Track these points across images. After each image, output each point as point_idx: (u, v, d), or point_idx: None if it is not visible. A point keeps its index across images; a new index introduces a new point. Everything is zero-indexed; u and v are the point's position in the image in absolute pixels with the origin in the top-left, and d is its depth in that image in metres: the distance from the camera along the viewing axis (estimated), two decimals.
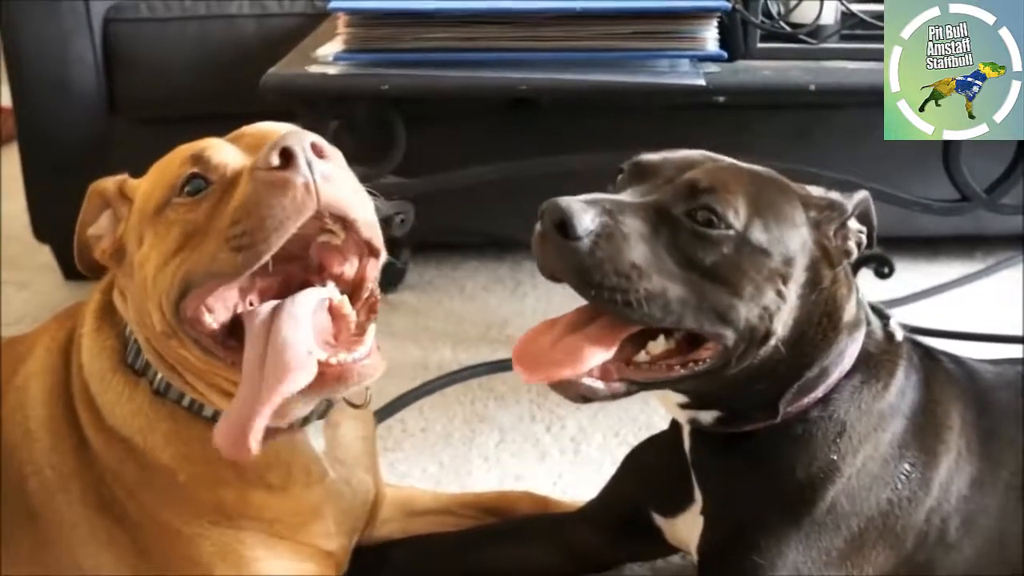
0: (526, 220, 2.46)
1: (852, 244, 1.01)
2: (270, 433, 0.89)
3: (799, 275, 0.96)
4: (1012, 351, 1.64)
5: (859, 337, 1.04)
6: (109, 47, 1.99)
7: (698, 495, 1.09)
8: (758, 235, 0.94)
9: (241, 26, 1.97)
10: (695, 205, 0.93)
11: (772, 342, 0.96)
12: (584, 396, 0.95)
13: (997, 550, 1.06)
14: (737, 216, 0.93)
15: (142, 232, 0.97)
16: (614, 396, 0.96)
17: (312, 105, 1.42)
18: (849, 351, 1.03)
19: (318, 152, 0.88)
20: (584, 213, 0.89)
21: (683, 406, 1.04)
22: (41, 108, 2.01)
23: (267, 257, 0.87)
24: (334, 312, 0.94)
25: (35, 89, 2.00)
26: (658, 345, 0.97)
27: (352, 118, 1.43)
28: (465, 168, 1.52)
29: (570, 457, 1.56)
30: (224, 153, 0.95)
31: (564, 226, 0.89)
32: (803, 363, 1.00)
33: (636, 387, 0.97)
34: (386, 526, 1.29)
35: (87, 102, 2.00)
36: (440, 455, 1.56)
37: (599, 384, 0.95)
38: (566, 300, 0.96)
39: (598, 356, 0.94)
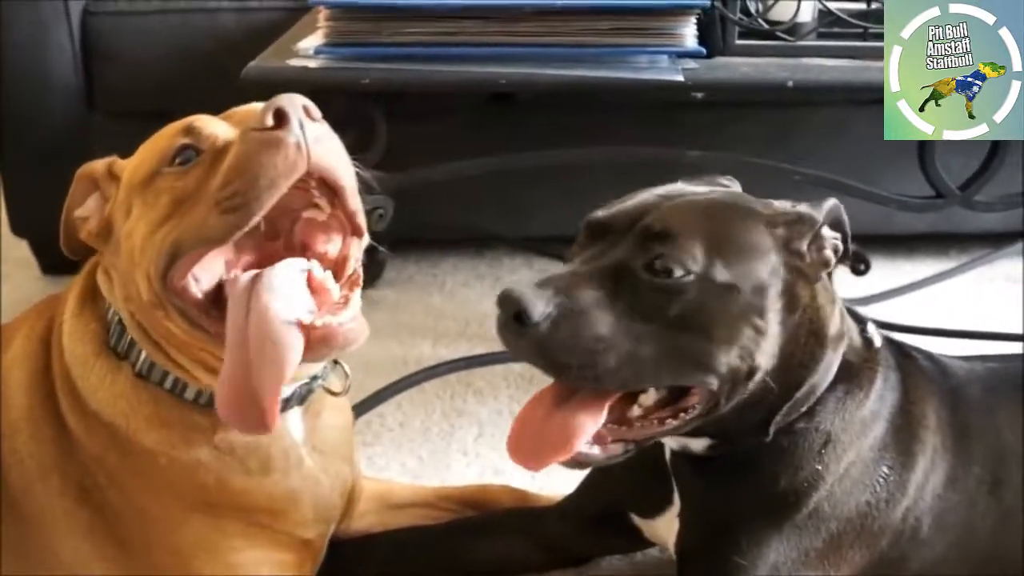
0: (505, 216, 2.46)
1: (829, 253, 0.97)
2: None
3: (774, 303, 0.94)
4: (986, 348, 1.66)
5: (842, 349, 1.02)
6: (88, 40, 1.97)
7: (676, 498, 1.09)
8: (721, 273, 0.91)
9: (222, 19, 1.96)
10: (651, 255, 0.91)
11: (758, 376, 0.94)
12: (581, 463, 0.94)
13: (966, 543, 1.07)
14: (694, 259, 0.90)
15: (130, 204, 0.97)
16: (610, 460, 0.95)
17: None
18: (834, 364, 1.01)
19: (309, 115, 0.89)
20: (537, 299, 0.88)
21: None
22: (19, 102, 1.99)
23: (257, 218, 0.88)
24: (315, 287, 0.94)
25: (13, 83, 1.97)
26: (649, 397, 0.95)
27: (333, 112, 1.43)
28: (444, 163, 1.52)
29: None
30: (214, 125, 0.96)
31: (520, 316, 0.88)
32: (793, 385, 0.98)
33: (633, 446, 0.96)
34: (364, 519, 1.29)
35: (65, 96, 1.99)
36: (419, 449, 1.56)
37: (594, 450, 0.94)
38: None
39: (588, 428, 0.92)
